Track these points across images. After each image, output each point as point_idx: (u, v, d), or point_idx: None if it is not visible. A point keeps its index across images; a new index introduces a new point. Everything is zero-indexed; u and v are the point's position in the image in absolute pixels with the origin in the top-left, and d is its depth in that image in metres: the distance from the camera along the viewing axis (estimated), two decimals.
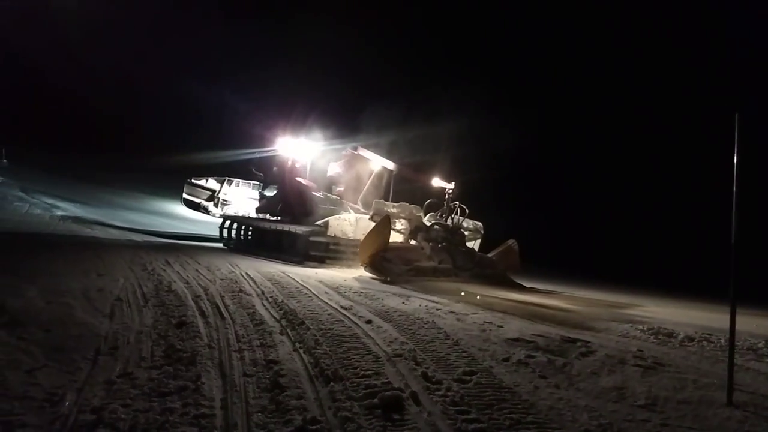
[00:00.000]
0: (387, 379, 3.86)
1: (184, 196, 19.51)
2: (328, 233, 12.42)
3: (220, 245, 15.71)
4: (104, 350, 4.18)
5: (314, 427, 3.02)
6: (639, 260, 30.07)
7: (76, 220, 17.27)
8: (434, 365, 4.35)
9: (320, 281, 8.91)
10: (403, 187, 14.87)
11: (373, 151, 14.55)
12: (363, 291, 8.17)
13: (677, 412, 3.69)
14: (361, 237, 11.41)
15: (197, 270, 8.88)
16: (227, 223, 16.56)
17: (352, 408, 3.30)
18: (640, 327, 7.11)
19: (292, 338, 4.92)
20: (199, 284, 7.43)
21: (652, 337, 6.59)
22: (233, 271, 9.16)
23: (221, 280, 8.06)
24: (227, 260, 10.93)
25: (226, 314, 5.72)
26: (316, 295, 7.35)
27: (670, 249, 32.65)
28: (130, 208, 25.98)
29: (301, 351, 4.52)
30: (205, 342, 4.59)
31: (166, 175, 31.77)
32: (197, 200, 19.24)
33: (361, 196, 15.04)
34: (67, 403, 3.13)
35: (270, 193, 17.16)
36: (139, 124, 48.03)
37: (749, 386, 4.47)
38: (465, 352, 4.85)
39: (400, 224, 12.50)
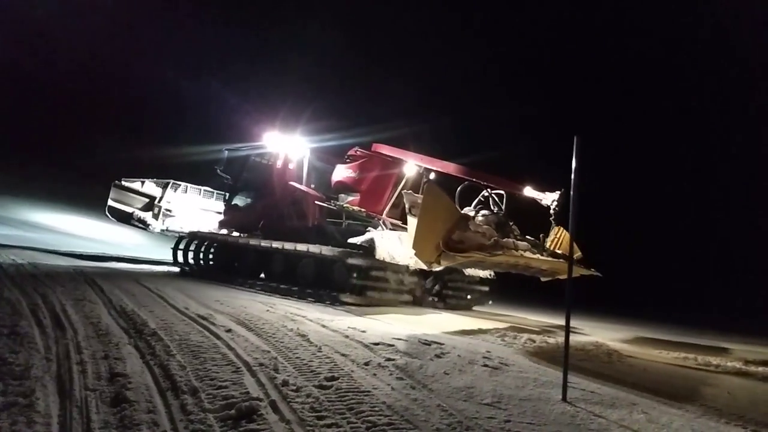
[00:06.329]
0: (246, 389, 3.77)
1: (110, 203, 14.41)
2: (377, 256, 8.92)
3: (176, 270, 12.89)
4: None
5: None
6: None
7: None
8: (296, 372, 4.33)
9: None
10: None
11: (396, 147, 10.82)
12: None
13: (519, 408, 4.01)
14: (410, 261, 8.77)
15: None
16: (185, 241, 13.26)
17: (206, 420, 3.18)
18: (491, 328, 7.66)
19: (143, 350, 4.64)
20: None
21: (499, 339, 7.13)
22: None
23: None
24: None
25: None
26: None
27: None
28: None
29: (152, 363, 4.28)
30: (42, 354, 4.18)
31: (78, 177, 26.05)
32: (129, 209, 14.26)
33: (386, 208, 10.88)
34: None
35: (242, 202, 13.59)
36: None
37: (580, 384, 4.98)
38: (328, 357, 4.89)
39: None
